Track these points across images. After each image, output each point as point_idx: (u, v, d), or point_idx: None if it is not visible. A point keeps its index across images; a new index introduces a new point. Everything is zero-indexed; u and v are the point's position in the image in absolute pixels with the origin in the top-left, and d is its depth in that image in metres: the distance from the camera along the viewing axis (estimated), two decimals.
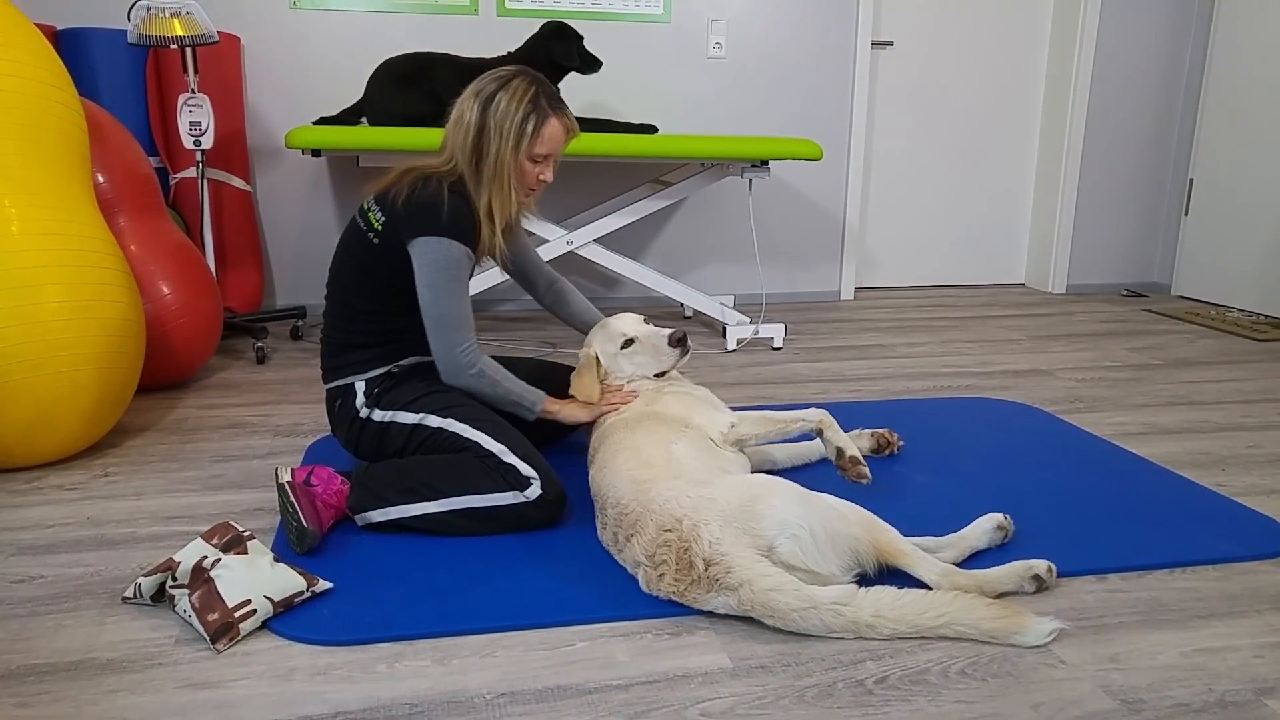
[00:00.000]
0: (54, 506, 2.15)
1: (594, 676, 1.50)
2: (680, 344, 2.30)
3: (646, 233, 4.54)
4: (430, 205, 2.03)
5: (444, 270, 2.04)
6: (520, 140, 2.05)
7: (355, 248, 2.14)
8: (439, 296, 2.05)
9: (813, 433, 2.17)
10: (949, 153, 5.00)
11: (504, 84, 2.07)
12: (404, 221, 2.04)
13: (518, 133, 2.05)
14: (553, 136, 2.10)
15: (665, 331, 2.31)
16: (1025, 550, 1.86)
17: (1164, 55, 4.89)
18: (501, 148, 2.05)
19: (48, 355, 2.24)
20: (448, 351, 2.08)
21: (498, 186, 2.07)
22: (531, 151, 2.08)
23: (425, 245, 2.03)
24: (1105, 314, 4.50)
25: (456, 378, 2.11)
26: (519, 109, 2.04)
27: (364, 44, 4.03)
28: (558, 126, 2.10)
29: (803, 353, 3.68)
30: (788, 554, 1.60)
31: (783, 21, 4.48)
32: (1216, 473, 2.39)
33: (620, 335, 2.32)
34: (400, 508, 1.95)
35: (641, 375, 2.30)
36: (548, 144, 2.10)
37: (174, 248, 2.97)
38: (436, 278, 2.04)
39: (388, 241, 2.07)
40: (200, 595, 1.61)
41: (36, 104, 2.33)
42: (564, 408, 2.22)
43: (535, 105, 2.07)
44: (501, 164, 2.06)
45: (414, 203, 2.03)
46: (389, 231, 2.06)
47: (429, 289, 2.05)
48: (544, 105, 2.08)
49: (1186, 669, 1.52)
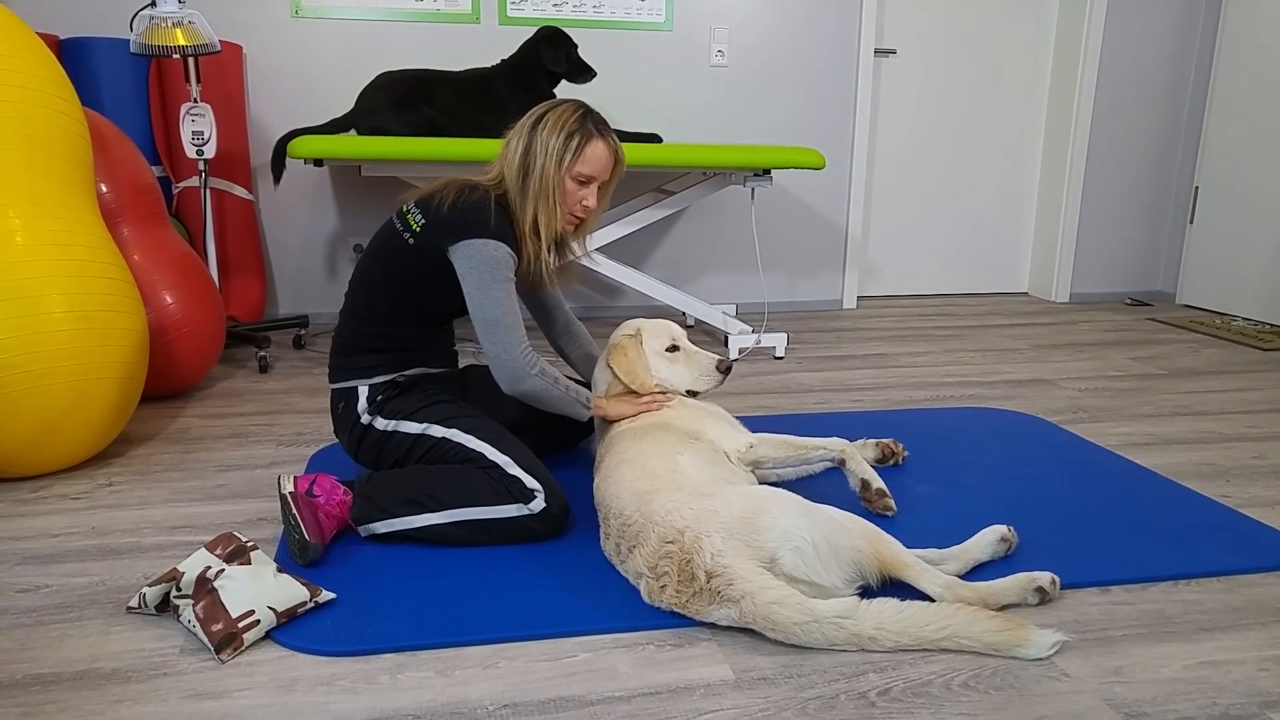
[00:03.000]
0: (59, 516, 2.15)
1: (596, 688, 1.49)
2: (727, 372, 2.30)
3: (649, 241, 4.55)
4: (477, 210, 2.04)
5: (492, 270, 2.02)
6: (564, 156, 2.07)
7: (386, 248, 2.14)
8: (490, 297, 2.02)
9: (834, 464, 2.18)
10: (952, 161, 5.00)
11: (553, 107, 2.12)
12: (448, 226, 2.04)
13: (561, 149, 2.07)
14: (595, 157, 2.11)
15: (715, 356, 2.31)
16: (1028, 562, 1.86)
17: (1169, 63, 4.89)
18: (546, 163, 2.07)
19: (52, 365, 2.24)
20: (507, 354, 2.04)
21: (543, 202, 2.08)
22: (574, 170, 2.09)
23: (471, 248, 2.02)
24: (1109, 323, 4.50)
25: (520, 383, 2.07)
26: (564, 127, 2.08)
27: (366, 52, 4.04)
28: (602, 148, 2.12)
29: (805, 362, 3.68)
30: (790, 566, 1.60)
31: (785, 29, 4.49)
32: (1221, 484, 2.39)
33: (669, 336, 2.30)
34: (404, 519, 1.95)
35: (671, 386, 2.28)
36: (590, 164, 2.11)
37: (177, 257, 2.98)
38: (485, 279, 2.02)
39: (423, 245, 2.07)
40: (204, 606, 1.61)
41: (40, 114, 2.34)
42: (610, 405, 2.21)
43: (581, 125, 2.10)
44: (546, 179, 2.07)
45: (460, 207, 2.04)
46: (428, 235, 2.07)
47: (479, 290, 2.03)
48: (589, 126, 2.11)
49: (1190, 682, 1.52)
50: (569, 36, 3.69)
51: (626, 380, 2.22)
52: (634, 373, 2.22)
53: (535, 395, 2.10)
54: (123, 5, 3.60)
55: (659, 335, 2.29)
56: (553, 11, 4.22)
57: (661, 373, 2.27)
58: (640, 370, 2.23)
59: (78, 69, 3.48)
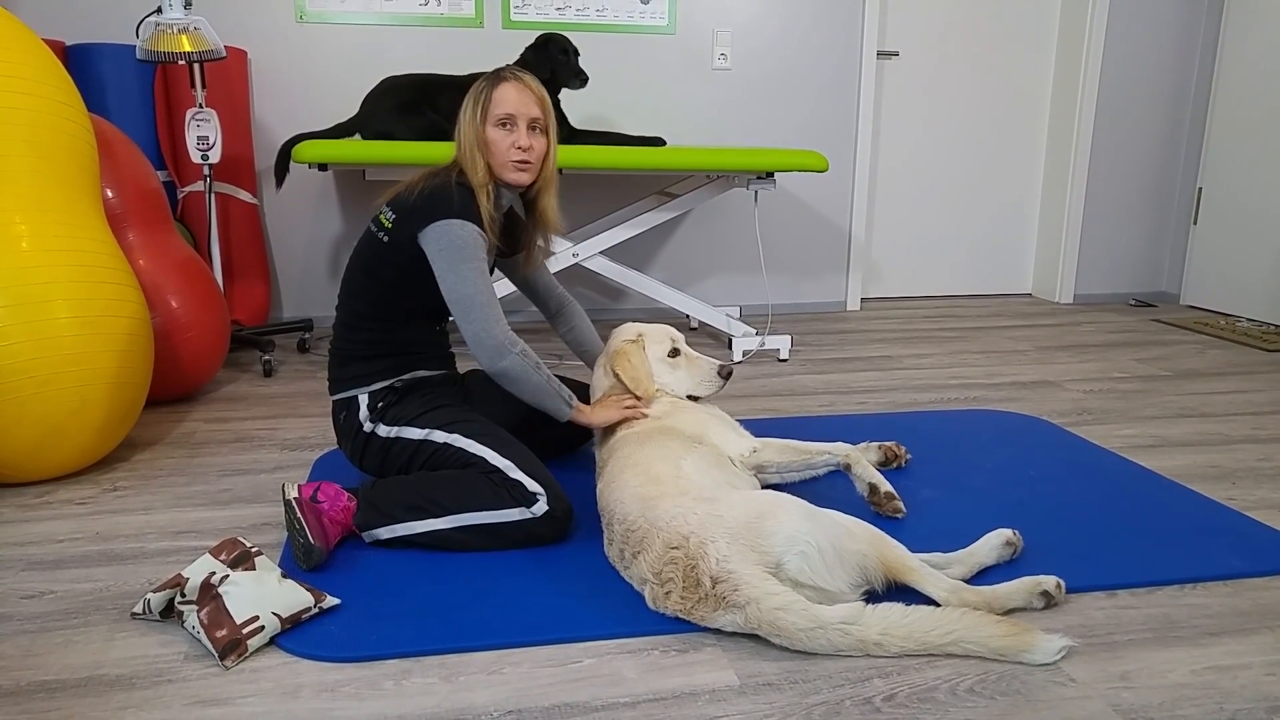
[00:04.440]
0: (63, 521, 2.15)
1: (601, 694, 1.49)
2: (728, 377, 2.30)
3: (652, 244, 4.55)
4: (440, 192, 2.07)
5: (460, 250, 2.03)
6: (476, 110, 2.12)
7: (367, 253, 2.17)
8: (461, 276, 2.03)
9: (840, 468, 2.18)
10: (955, 163, 5.00)
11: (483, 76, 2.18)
12: (415, 213, 2.06)
13: (473, 105, 2.13)
14: (504, 98, 2.12)
15: (716, 361, 2.31)
16: (1034, 565, 1.85)
17: (1172, 64, 4.88)
18: (465, 125, 2.13)
19: (58, 370, 2.25)
20: (485, 330, 2.03)
21: (473, 159, 2.12)
22: (491, 116, 2.11)
23: (437, 229, 2.04)
24: (1113, 324, 4.49)
25: (499, 358, 2.04)
26: (475, 90, 2.15)
27: (370, 57, 4.05)
28: (509, 87, 2.13)
29: (809, 364, 3.68)
30: (795, 571, 1.59)
31: (788, 32, 4.49)
32: (1227, 486, 2.38)
33: (669, 340, 2.30)
34: (407, 525, 1.95)
35: (673, 391, 2.28)
36: (501, 105, 2.11)
37: (182, 262, 2.98)
38: (454, 258, 2.03)
39: (396, 238, 2.09)
40: (208, 612, 1.61)
41: (46, 120, 2.35)
42: (594, 411, 2.20)
43: (489, 79, 2.15)
44: (467, 138, 2.13)
45: (425, 193, 2.08)
46: (399, 227, 2.09)
47: (450, 270, 2.04)
48: (496, 74, 2.16)
49: (1197, 687, 1.51)
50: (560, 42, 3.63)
51: (630, 386, 2.21)
52: (638, 379, 2.22)
53: (515, 376, 2.07)
54: (129, 11, 3.62)
55: (660, 340, 2.29)
56: (556, 15, 4.22)
57: (663, 378, 2.27)
58: (644, 376, 2.23)
59: (84, 75, 3.49)
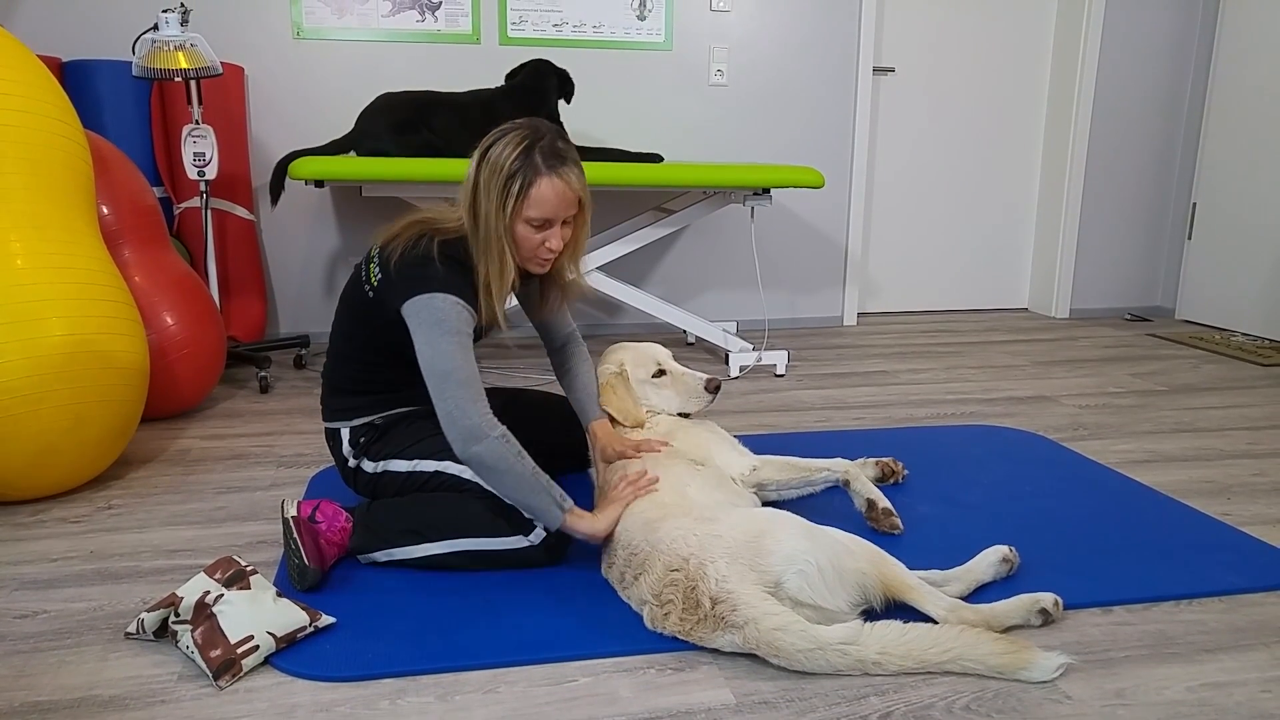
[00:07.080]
0: (57, 540, 2.14)
1: (597, 713, 1.49)
2: (716, 391, 2.30)
3: (649, 259, 4.55)
4: (419, 265, 1.87)
5: (438, 325, 1.83)
6: (506, 203, 1.84)
7: (355, 298, 2.05)
8: (438, 351, 1.82)
9: (839, 484, 2.18)
10: (951, 178, 5.02)
11: (501, 136, 1.88)
12: (394, 285, 1.89)
13: (502, 194, 1.83)
14: (544, 198, 1.84)
15: (702, 375, 2.31)
16: (1031, 582, 1.85)
17: (1166, 79, 4.91)
18: (489, 211, 1.85)
19: (52, 388, 2.24)
20: (459, 410, 1.80)
21: (490, 256, 1.88)
22: (522, 215, 1.86)
23: (417, 304, 1.85)
24: (1109, 339, 4.50)
25: (473, 443, 1.80)
26: (504, 168, 1.83)
27: (367, 73, 4.06)
28: (549, 186, 1.84)
29: (806, 379, 3.68)
30: (795, 590, 1.59)
31: (784, 48, 4.51)
32: (1222, 501, 2.38)
33: (653, 362, 2.30)
34: (403, 549, 1.94)
35: (663, 410, 2.29)
36: (539, 206, 1.85)
37: (178, 278, 2.98)
38: (432, 333, 1.83)
39: (381, 300, 1.94)
40: (203, 631, 1.60)
41: (41, 137, 2.35)
42: (596, 519, 1.88)
43: (526, 160, 1.83)
44: (489, 230, 1.86)
45: (404, 262, 1.88)
46: (382, 292, 1.93)
47: (427, 344, 1.83)
48: (536, 160, 1.83)
49: (1193, 704, 1.51)
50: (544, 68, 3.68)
51: (621, 419, 2.24)
52: (626, 410, 2.25)
53: (492, 465, 1.81)
54: (125, 28, 3.62)
55: (643, 363, 2.31)
56: (553, 32, 4.24)
57: (650, 400, 2.29)
58: (631, 406, 2.25)
59: (80, 91, 3.49)
